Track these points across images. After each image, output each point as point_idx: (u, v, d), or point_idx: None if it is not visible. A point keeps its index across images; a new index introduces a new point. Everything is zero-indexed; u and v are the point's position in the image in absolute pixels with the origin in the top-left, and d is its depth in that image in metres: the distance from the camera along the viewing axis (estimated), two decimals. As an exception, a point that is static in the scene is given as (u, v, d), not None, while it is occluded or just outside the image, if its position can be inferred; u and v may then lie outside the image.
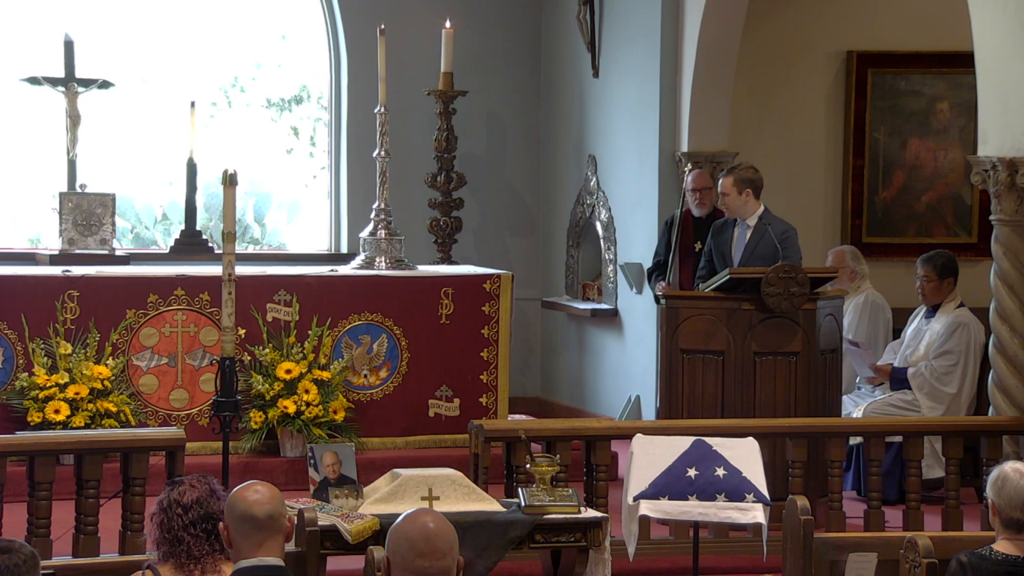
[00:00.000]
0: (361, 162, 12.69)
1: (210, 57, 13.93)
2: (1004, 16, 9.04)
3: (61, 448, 8.71)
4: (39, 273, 10.96)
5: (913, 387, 10.50)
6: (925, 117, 12.46)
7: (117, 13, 13.36)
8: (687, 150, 11.72)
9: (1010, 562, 6.08)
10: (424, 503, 7.03)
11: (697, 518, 7.60)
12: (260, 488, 5.12)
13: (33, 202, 13.08)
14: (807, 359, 9.74)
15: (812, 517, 6.88)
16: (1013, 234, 9.04)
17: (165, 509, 5.66)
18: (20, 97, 12.13)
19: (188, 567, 5.60)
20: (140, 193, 13.77)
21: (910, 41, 12.24)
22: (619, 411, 12.22)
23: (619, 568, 7.85)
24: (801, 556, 6.77)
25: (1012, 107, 9.01)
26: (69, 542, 8.38)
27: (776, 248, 10.14)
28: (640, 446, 7.72)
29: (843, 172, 12.50)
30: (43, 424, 10.20)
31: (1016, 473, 6.16)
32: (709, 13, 11.46)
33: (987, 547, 6.17)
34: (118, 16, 13.36)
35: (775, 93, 12.32)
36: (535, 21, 13.62)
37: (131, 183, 13.45)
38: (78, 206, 11.43)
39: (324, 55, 13.53)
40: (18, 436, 9.10)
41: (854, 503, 9.82)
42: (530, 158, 13.66)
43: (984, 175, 9.13)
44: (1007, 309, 9.08)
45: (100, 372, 10.48)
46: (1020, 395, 9.04)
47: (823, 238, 12.13)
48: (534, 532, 7.35)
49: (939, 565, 6.05)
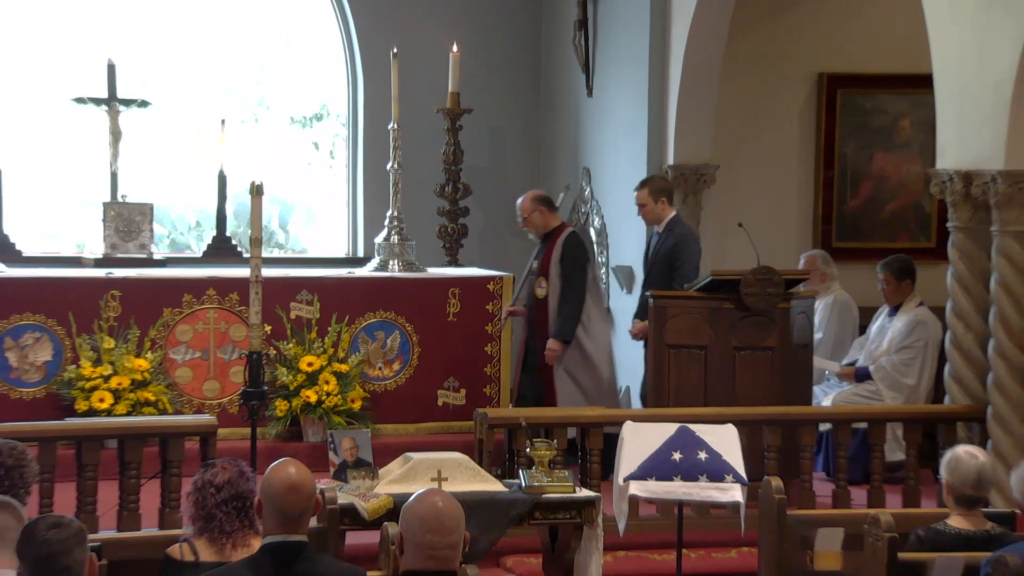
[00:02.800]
0: (376, 174, 12.67)
1: (240, 79, 13.93)
2: (960, 42, 9.07)
3: (105, 434, 8.75)
4: (85, 275, 10.98)
5: (876, 379, 10.54)
6: (889, 133, 12.43)
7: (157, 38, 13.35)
8: (673, 162, 11.67)
9: (962, 535, 6.14)
10: (434, 484, 7.02)
11: (681, 497, 7.60)
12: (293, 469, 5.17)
13: (79, 211, 13.05)
14: (782, 353, 9.77)
15: (785, 496, 6.93)
16: (967, 240, 9.06)
17: (199, 489, 5.72)
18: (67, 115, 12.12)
19: (220, 541, 5.65)
20: (175, 202, 13.73)
21: (876, 64, 12.21)
22: (611, 400, 12.21)
23: (610, 542, 7.84)
24: (775, 531, 6.79)
25: (967, 125, 9.02)
26: (113, 518, 8.44)
27: (671, 251, 10.27)
28: (630, 432, 7.74)
29: (815, 182, 12.46)
30: (89, 412, 10.21)
31: (968, 455, 6.22)
32: (693, 37, 11.43)
33: (942, 522, 6.23)
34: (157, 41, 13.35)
35: (754, 111, 12.29)
36: (534, 45, 13.62)
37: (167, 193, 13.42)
38: (119, 214, 11.43)
39: (342, 77, 13.53)
40: (67, 423, 9.18)
41: (823, 483, 9.83)
42: (530, 170, 13.65)
43: (942, 186, 9.13)
44: (962, 308, 9.09)
45: (140, 365, 10.51)
46: (973, 386, 9.04)
47: (797, 243, 12.08)
48: (533, 510, 7.35)
49: (899, 539, 6.06)
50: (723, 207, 11.69)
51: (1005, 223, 8.83)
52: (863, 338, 10.94)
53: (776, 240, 11.53)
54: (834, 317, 11.12)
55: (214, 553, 5.60)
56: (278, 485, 5.08)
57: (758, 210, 11.78)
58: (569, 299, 10.55)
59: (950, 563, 5.97)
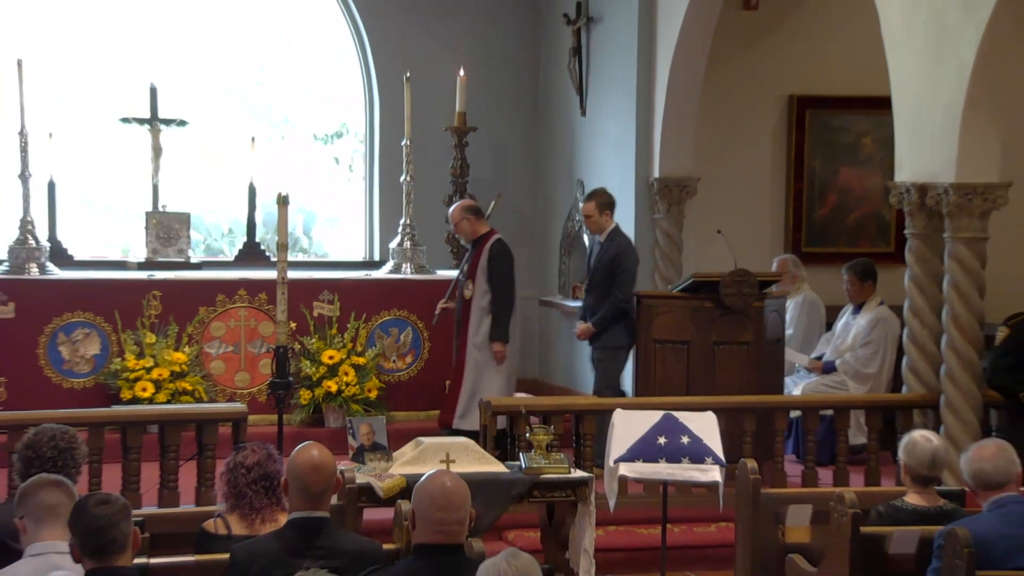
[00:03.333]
0: (390, 185, 12.67)
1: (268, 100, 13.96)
2: (915, 68, 9.08)
3: (147, 420, 8.79)
4: (129, 277, 11.02)
5: (841, 372, 10.55)
6: (853, 149, 12.41)
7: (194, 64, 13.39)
8: (658, 175, 11.67)
9: (918, 511, 6.15)
10: (442, 465, 7.02)
11: (666, 477, 7.59)
12: (316, 451, 5.20)
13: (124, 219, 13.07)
14: (756, 348, 9.77)
15: (759, 476, 6.89)
16: (923, 245, 9.06)
17: (231, 469, 5.73)
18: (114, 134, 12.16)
19: (250, 516, 5.66)
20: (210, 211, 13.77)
21: (841, 87, 12.20)
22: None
23: (602, 518, 7.83)
24: (750, 508, 6.76)
25: (922, 142, 9.02)
26: (155, 495, 8.48)
27: (612, 260, 10.18)
28: (620, 419, 7.72)
29: (786, 193, 12.45)
30: (133, 400, 10.26)
31: (923, 439, 6.22)
32: (676, 64, 11.43)
33: (900, 499, 6.23)
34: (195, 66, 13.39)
35: (731, 128, 12.27)
36: (533, 70, 13.62)
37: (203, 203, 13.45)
38: (160, 222, 11.45)
39: (360, 98, 13.51)
40: (113, 410, 9.20)
41: (793, 465, 9.80)
42: (529, 182, 13.65)
43: (900, 197, 9.14)
44: (918, 306, 9.10)
45: (178, 358, 10.55)
46: (928, 376, 9.04)
47: (770, 248, 12.06)
48: (532, 489, 7.37)
49: (862, 515, 6.03)
50: (703, 216, 11.68)
51: (956, 230, 8.83)
52: (829, 334, 10.94)
53: (751, 245, 11.52)
54: (803, 315, 11.12)
55: (244, 527, 5.60)
56: (302, 466, 5.12)
57: (735, 218, 11.77)
58: (500, 302, 10.40)
59: (907, 536, 5.96)
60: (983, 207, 8.80)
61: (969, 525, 5.62)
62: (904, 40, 9.14)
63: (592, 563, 7.44)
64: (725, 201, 12.07)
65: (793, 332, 10.94)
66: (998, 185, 8.81)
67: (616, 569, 8.44)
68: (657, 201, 11.71)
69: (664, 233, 11.68)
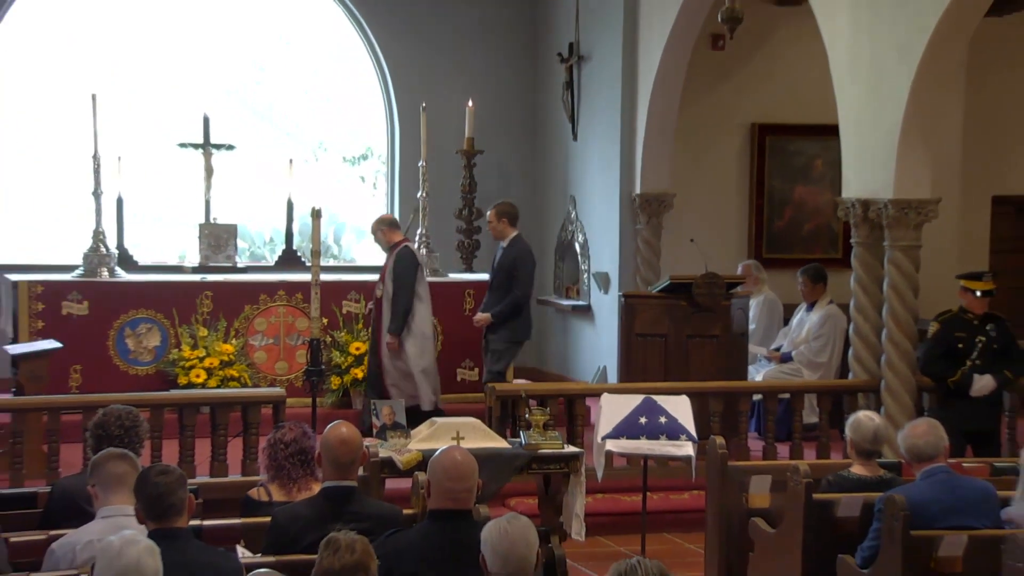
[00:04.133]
0: (408, 200, 12.64)
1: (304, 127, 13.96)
2: (859, 100, 9.10)
3: (200, 402, 8.80)
4: (184, 279, 11.01)
5: (796, 361, 10.54)
6: (806, 170, 12.42)
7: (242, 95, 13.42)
8: (640, 191, 11.67)
9: (862, 480, 6.16)
10: (453, 442, 7.01)
11: (646, 452, 7.60)
12: (345, 428, 5.21)
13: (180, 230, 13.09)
14: (724, 340, 9.78)
15: (726, 451, 6.91)
16: (866, 252, 9.09)
17: (272, 445, 5.74)
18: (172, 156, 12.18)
19: (288, 486, 5.67)
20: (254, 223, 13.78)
21: (795, 116, 12.20)
22: (591, 377, 12.19)
23: (591, 487, 7.84)
24: (719, 478, 6.77)
25: (865, 164, 9.06)
26: (207, 467, 8.49)
27: (512, 262, 10.06)
28: (606, 401, 7.74)
29: (749, 207, 12.45)
30: (188, 385, 10.23)
31: (866, 418, 6.23)
32: (655, 95, 11.46)
33: (846, 470, 6.24)
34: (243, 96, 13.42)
35: (702, 151, 12.28)
36: (532, 101, 13.59)
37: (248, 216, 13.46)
38: (211, 232, 11.44)
39: (382, 126, 13.51)
40: (171, 393, 9.23)
41: (755, 441, 9.83)
42: (528, 197, 13.58)
43: (846, 211, 9.16)
44: (862, 304, 9.13)
45: (227, 349, 10.54)
46: (871, 364, 9.07)
47: (735, 254, 12.06)
48: (531, 462, 7.35)
49: (814, 483, 6.06)
50: (678, 226, 11.69)
51: (894, 240, 8.86)
52: (787, 328, 10.93)
53: (719, 252, 11.52)
54: (764, 312, 11.11)
55: (283, 495, 5.63)
56: (333, 441, 5.13)
57: (705, 228, 11.79)
58: (398, 300, 10.05)
59: (852, 501, 5.97)
60: (917, 219, 8.82)
61: (905, 492, 5.64)
62: (849, 78, 9.17)
63: (583, 526, 7.41)
64: (697, 214, 12.07)
65: (755, 327, 10.93)
66: (929, 201, 8.84)
67: (604, 531, 8.45)
68: (639, 214, 11.71)
69: (644, 241, 11.68)
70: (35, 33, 12.64)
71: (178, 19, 13.23)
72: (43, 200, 13.05)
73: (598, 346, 12.26)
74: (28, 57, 12.69)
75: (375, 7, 13.10)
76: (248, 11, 13.38)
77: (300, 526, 4.96)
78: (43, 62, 12.82)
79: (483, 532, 4.16)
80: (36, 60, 12.78)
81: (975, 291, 8.61)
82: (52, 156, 12.86)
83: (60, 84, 12.73)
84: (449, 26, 13.27)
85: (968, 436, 8.40)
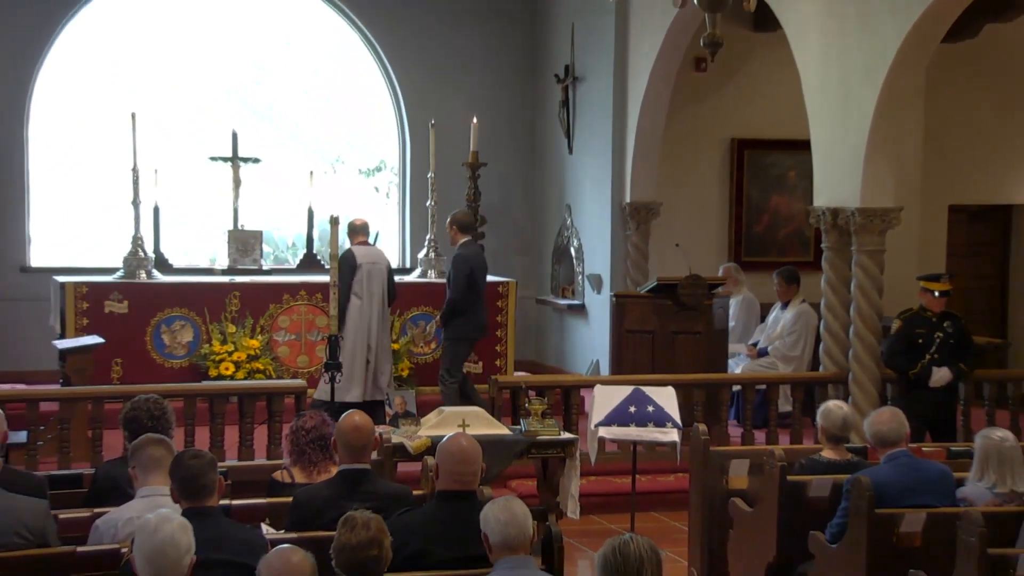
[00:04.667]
0: (418, 208, 12.64)
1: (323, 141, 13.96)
2: (829, 118, 9.11)
3: (229, 392, 8.83)
4: (215, 280, 10.99)
5: (772, 355, 10.55)
6: (781, 181, 12.41)
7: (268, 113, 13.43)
8: (629, 200, 11.67)
9: (832, 464, 6.17)
10: (459, 429, 6.89)
11: (635, 438, 7.62)
12: (359, 417, 5.22)
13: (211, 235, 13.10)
14: (707, 336, 9.80)
15: (709, 437, 6.92)
16: (836, 256, 9.11)
17: (294, 431, 5.74)
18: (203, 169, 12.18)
19: (308, 468, 5.66)
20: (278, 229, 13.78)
21: (771, 132, 12.19)
22: (585, 370, 12.19)
23: (585, 469, 7.87)
24: (701, 462, 6.78)
25: (834, 175, 9.07)
26: (235, 451, 8.51)
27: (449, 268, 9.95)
28: (599, 392, 7.76)
29: (730, 215, 12.44)
30: (218, 377, 10.25)
31: (836, 407, 6.23)
32: (643, 113, 11.46)
33: (817, 454, 6.25)
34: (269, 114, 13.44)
35: (686, 164, 12.26)
36: (531, 118, 13.57)
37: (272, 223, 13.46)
38: (239, 238, 11.43)
39: (395, 141, 13.50)
40: (203, 384, 9.24)
41: (735, 428, 9.85)
42: (527, 206, 13.65)
43: (817, 218, 9.18)
44: (832, 304, 9.14)
45: (253, 344, 10.55)
46: (839, 358, 9.09)
47: (716, 257, 12.05)
48: (530, 448, 7.37)
49: (788, 466, 6.07)
50: (665, 232, 11.69)
51: (861, 244, 8.87)
52: (763, 325, 10.93)
53: (702, 256, 11.51)
54: (743, 311, 11.12)
55: (304, 476, 5.63)
56: (347, 428, 5.13)
57: (690, 234, 11.78)
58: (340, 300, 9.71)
59: (823, 483, 5.97)
60: (881, 226, 8.84)
61: (870, 474, 5.64)
62: (820, 97, 9.19)
63: (578, 505, 7.43)
64: (682, 221, 12.07)
65: (735, 324, 10.94)
66: (892, 209, 8.85)
67: (596, 510, 8.47)
68: (628, 221, 11.71)
69: (634, 246, 11.68)
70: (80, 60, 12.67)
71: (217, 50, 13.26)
72: (87, 209, 13.07)
73: (591, 342, 12.26)
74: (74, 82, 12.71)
75: (390, 36, 13.10)
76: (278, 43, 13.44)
77: (320, 505, 4.96)
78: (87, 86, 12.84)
79: (484, 509, 4.17)
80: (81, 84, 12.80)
81: (934, 291, 8.62)
82: (95, 170, 12.88)
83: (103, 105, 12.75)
84: (456, 51, 13.27)
85: (927, 423, 8.41)
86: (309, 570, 3.52)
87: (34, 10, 12.00)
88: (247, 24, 13.27)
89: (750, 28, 12.02)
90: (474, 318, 9.89)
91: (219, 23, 13.21)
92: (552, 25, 13.10)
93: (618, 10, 11.61)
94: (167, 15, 12.99)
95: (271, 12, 13.23)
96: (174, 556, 3.67)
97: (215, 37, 13.24)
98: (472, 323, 9.89)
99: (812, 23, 9.20)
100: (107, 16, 12.58)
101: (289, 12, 13.22)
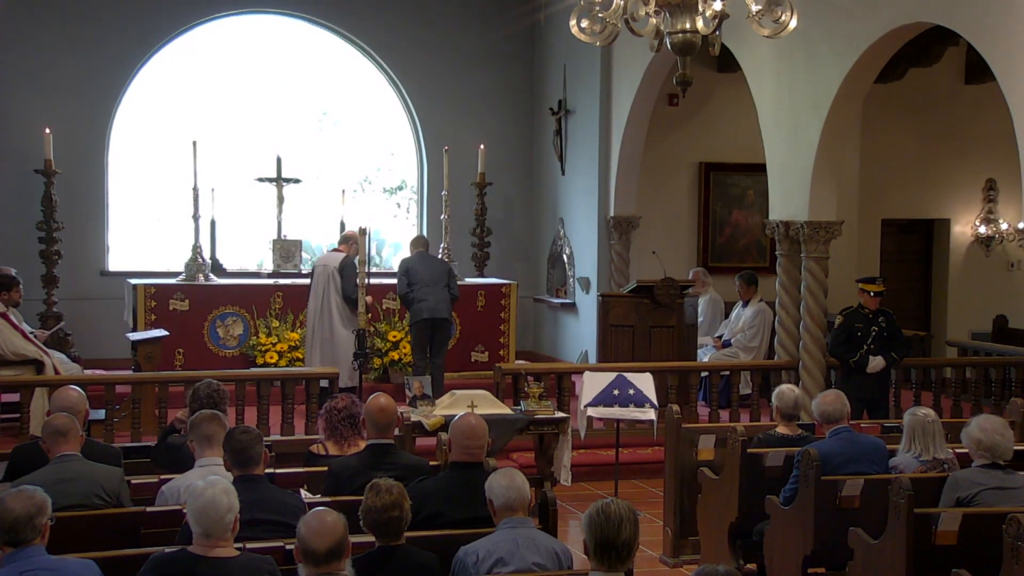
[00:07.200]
0: (434, 222, 12.63)
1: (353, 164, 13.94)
2: (781, 145, 9.11)
3: (273, 378, 8.77)
4: (261, 283, 10.99)
5: (734, 346, 10.53)
6: (741, 198, 12.39)
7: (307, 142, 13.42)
8: (613, 214, 11.64)
9: (785, 438, 6.15)
10: (469, 409, 7.00)
11: (618, 417, 7.62)
12: (383, 399, 5.21)
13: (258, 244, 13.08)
14: (679, 330, 9.76)
15: (680, 416, 6.88)
16: (788, 262, 9.10)
17: (328, 411, 5.71)
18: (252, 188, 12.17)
19: (340, 443, 5.64)
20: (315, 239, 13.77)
21: (733, 157, 12.18)
22: (576, 359, 12.14)
23: (575, 443, 7.87)
24: (675, 437, 6.75)
25: (786, 194, 9.07)
26: (279, 428, 8.47)
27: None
28: (588, 378, 7.77)
29: (698, 227, 12.42)
30: (264, 365, 10.23)
31: (788, 389, 6.21)
32: (625, 140, 11.43)
33: (773, 430, 6.23)
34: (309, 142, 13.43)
35: (661, 184, 12.26)
36: (529, 144, 13.55)
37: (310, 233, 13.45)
38: (282, 246, 11.44)
39: (414, 163, 13.47)
40: (252, 371, 9.22)
41: (703, 408, 9.82)
42: (527, 219, 13.63)
43: (772, 230, 9.18)
44: (785, 302, 9.13)
45: (294, 336, 10.53)
46: (791, 348, 9.07)
47: (687, 263, 12.01)
48: (529, 425, 7.37)
49: (747, 440, 6.06)
50: (644, 241, 11.69)
51: (809, 252, 8.87)
52: (727, 321, 10.90)
53: (675, 261, 11.52)
54: (709, 308, 11.09)
55: (337, 450, 5.61)
56: (373, 408, 5.13)
57: (664, 243, 11.77)
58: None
59: (777, 454, 5.96)
60: (826, 237, 8.84)
61: (817, 447, 5.63)
62: (774, 128, 9.19)
63: (569, 474, 7.44)
64: (657, 232, 12.07)
65: (703, 320, 10.91)
66: (835, 222, 8.85)
67: (585, 478, 8.43)
68: (612, 232, 11.70)
69: (617, 253, 11.67)
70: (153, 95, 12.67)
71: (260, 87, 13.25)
72: (156, 222, 13.08)
73: (581, 335, 12.24)
74: (147, 114, 12.73)
75: (411, 77, 13.06)
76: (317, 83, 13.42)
77: (350, 473, 4.95)
78: (158, 118, 12.84)
79: (489, 478, 4.16)
80: (152, 116, 12.80)
81: (870, 292, 8.61)
82: (163, 188, 12.90)
83: (170, 134, 12.74)
84: (466, 88, 13.24)
85: (864, 403, 8.39)
86: (341, 529, 3.52)
87: (115, 53, 12.04)
88: (294, 67, 13.26)
89: (715, 69, 12.02)
90: (415, 309, 9.50)
91: (269, 65, 13.19)
92: (548, 66, 13.08)
93: (603, 53, 11.61)
94: (224, 57, 13.01)
95: (312, 59, 13.24)
96: (215, 515, 3.68)
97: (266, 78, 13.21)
98: (415, 311, 9.50)
99: (767, 65, 9.20)
100: (177, 59, 12.60)
101: (326, 57, 13.24)
